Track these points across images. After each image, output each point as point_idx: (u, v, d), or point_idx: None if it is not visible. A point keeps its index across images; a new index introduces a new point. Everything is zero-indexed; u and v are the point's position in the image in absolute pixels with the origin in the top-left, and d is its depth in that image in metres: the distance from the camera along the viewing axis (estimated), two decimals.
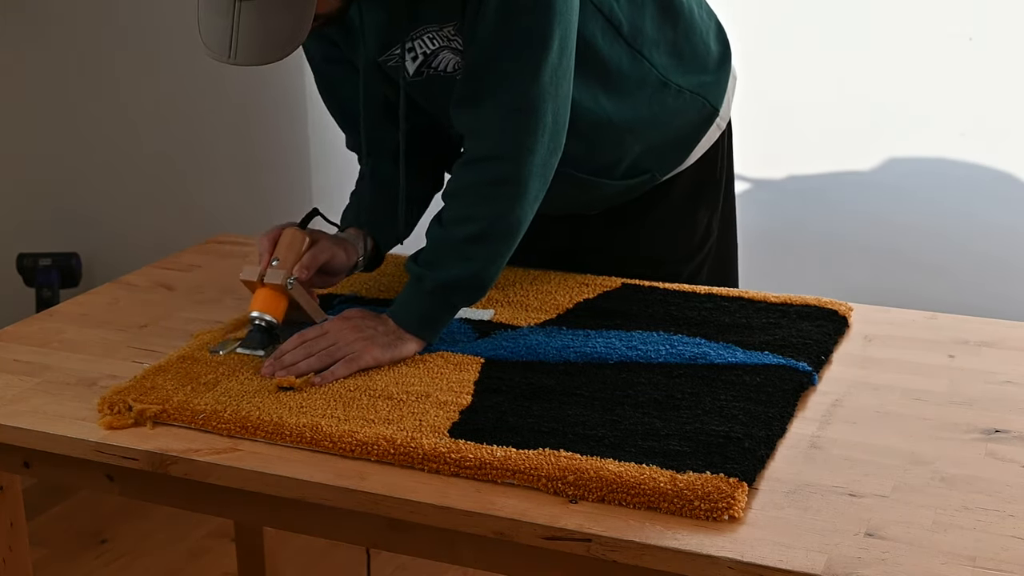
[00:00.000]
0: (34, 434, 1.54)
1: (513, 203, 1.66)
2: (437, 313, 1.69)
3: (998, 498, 1.32)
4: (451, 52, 1.71)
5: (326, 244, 1.75)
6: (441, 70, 1.74)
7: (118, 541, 3.03)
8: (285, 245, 1.72)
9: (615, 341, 1.68)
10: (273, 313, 1.70)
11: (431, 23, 1.69)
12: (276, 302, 1.70)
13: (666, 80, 1.83)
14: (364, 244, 1.83)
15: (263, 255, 1.72)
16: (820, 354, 1.65)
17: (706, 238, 2.00)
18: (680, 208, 1.95)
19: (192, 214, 3.52)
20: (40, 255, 3.56)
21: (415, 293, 1.68)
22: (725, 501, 1.29)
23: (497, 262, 1.69)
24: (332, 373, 1.60)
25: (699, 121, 1.90)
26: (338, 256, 1.77)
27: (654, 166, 1.89)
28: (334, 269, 1.77)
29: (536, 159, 1.65)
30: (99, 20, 3.50)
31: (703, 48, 1.90)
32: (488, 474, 1.38)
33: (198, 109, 3.47)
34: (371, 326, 1.66)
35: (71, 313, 1.93)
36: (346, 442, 1.45)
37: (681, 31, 1.85)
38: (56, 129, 3.63)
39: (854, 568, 1.20)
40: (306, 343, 1.64)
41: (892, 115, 2.79)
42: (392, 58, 1.75)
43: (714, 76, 1.91)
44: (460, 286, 1.68)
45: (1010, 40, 2.65)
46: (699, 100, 1.88)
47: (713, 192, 1.99)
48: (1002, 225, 2.77)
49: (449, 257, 1.67)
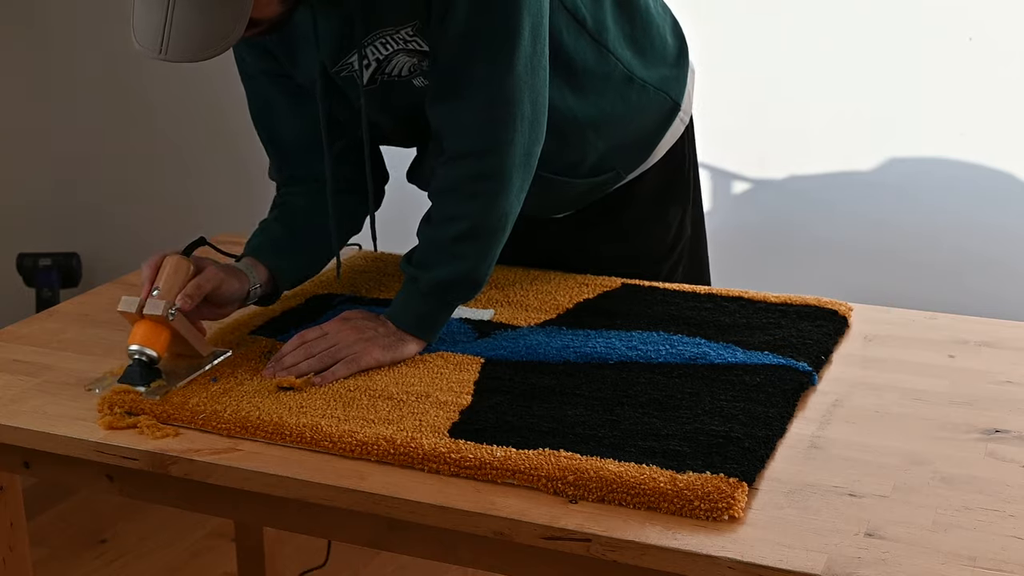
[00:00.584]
0: (34, 434, 1.54)
1: (498, 198, 1.65)
2: (434, 313, 1.69)
3: (998, 498, 1.32)
4: (406, 55, 1.69)
5: (213, 272, 1.66)
6: (395, 75, 1.72)
7: (118, 541, 3.03)
8: (167, 274, 1.62)
9: (615, 341, 1.68)
10: (154, 346, 1.59)
11: (387, 26, 1.67)
12: (157, 334, 1.60)
13: (631, 75, 1.83)
14: (258, 275, 1.74)
15: (144, 284, 1.63)
16: (820, 354, 1.65)
17: (680, 236, 1.99)
18: (651, 207, 1.95)
19: (191, 214, 3.52)
20: (40, 255, 3.56)
21: (411, 294, 1.68)
22: (725, 501, 1.29)
23: (488, 258, 1.69)
24: (332, 373, 1.60)
25: (661, 117, 1.90)
26: (227, 284, 1.67)
27: (618, 163, 1.88)
28: (222, 299, 1.68)
29: (517, 150, 1.64)
30: (99, 21, 3.50)
31: (660, 42, 1.89)
32: (488, 474, 1.38)
33: (198, 109, 3.47)
34: (371, 327, 1.66)
35: (71, 313, 1.93)
36: (346, 442, 1.45)
37: (639, 25, 1.85)
38: (56, 129, 3.63)
39: (854, 568, 1.20)
40: (306, 344, 1.63)
41: (892, 115, 2.79)
42: (345, 68, 1.72)
43: (673, 71, 1.90)
44: (454, 285, 1.67)
45: (1010, 40, 2.65)
46: (661, 95, 1.88)
47: (682, 189, 1.99)
48: (1002, 225, 2.77)
49: (440, 257, 1.66)
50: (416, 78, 1.73)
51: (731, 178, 2.98)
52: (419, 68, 1.71)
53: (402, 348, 1.65)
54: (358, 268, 2.00)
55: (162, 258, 1.65)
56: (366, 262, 2.02)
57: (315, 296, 1.90)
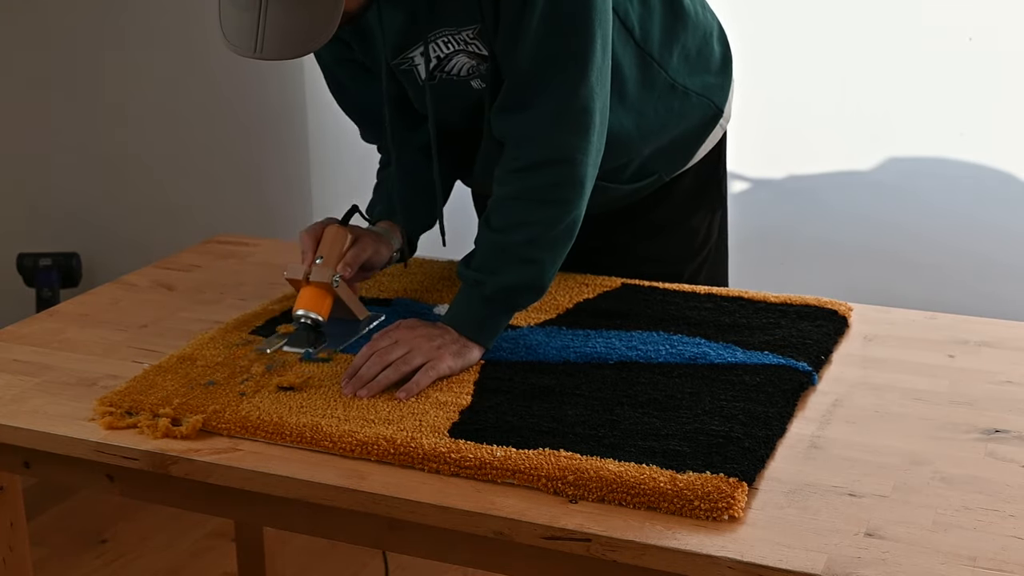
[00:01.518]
0: (34, 434, 1.54)
1: (572, 205, 1.65)
2: (497, 318, 1.67)
3: (998, 498, 1.32)
4: (466, 56, 1.71)
5: (368, 241, 1.76)
6: (454, 74, 1.73)
7: (118, 541, 3.03)
8: (328, 242, 1.73)
9: (615, 341, 1.68)
10: (319, 311, 1.70)
11: (448, 26, 1.68)
12: (321, 300, 1.70)
13: (674, 83, 1.84)
14: (398, 237, 1.84)
15: (306, 253, 1.72)
16: (820, 354, 1.65)
17: (707, 239, 2.00)
18: (683, 208, 1.95)
19: (192, 214, 3.52)
20: (40, 255, 3.56)
21: (474, 300, 1.66)
22: (725, 501, 1.29)
23: (556, 264, 1.68)
24: (417, 384, 1.57)
25: (704, 122, 1.90)
26: (379, 251, 1.78)
27: (661, 167, 1.89)
28: (374, 264, 1.79)
29: (590, 159, 1.65)
30: (99, 21, 3.50)
31: (707, 50, 1.90)
32: (488, 474, 1.38)
33: (198, 110, 3.47)
34: (438, 334, 1.63)
35: (71, 313, 1.93)
36: (346, 442, 1.45)
37: (689, 33, 1.85)
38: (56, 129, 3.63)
39: (854, 568, 1.20)
40: (379, 353, 1.60)
41: (892, 115, 2.78)
42: (405, 62, 1.74)
43: (718, 78, 1.91)
44: (521, 290, 1.66)
45: (1010, 40, 2.65)
46: (704, 101, 1.88)
47: (715, 193, 2.00)
48: (1002, 225, 2.77)
49: (509, 262, 1.65)
50: (474, 79, 1.73)
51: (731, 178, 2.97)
52: (477, 71, 1.72)
53: (468, 355, 1.63)
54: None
55: (322, 228, 1.75)
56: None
57: None
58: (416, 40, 1.71)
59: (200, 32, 3.40)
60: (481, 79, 1.73)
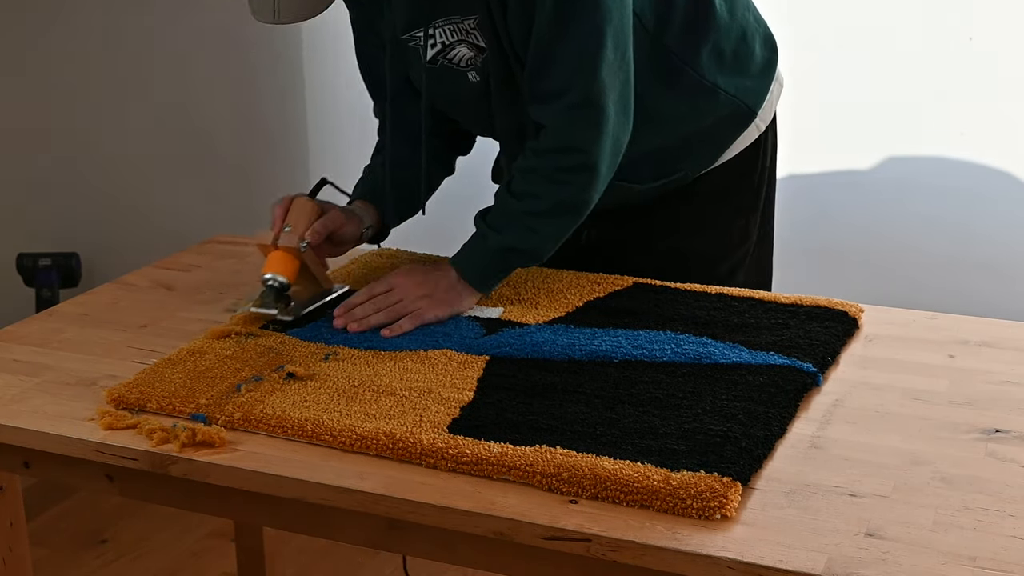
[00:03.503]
0: (34, 434, 1.54)
1: (583, 188, 1.74)
2: (495, 271, 1.79)
3: (998, 498, 1.32)
4: (467, 47, 1.75)
5: (336, 213, 1.85)
6: (455, 63, 1.78)
7: (118, 541, 3.03)
8: (296, 212, 1.82)
9: (621, 340, 1.68)
10: (285, 274, 1.78)
11: (453, 14, 1.74)
12: (288, 264, 1.79)
13: (702, 80, 1.84)
14: (371, 217, 1.91)
15: (276, 221, 1.81)
16: (826, 355, 1.65)
17: (742, 241, 1.99)
18: (711, 206, 1.95)
19: (191, 214, 3.52)
20: (40, 255, 3.56)
21: (479, 248, 1.78)
22: (717, 500, 1.29)
23: (559, 237, 1.78)
24: (399, 327, 1.72)
25: (735, 122, 1.90)
26: (347, 226, 1.86)
27: (686, 165, 1.89)
28: (342, 238, 1.87)
29: (604, 148, 1.71)
30: (99, 21, 3.50)
31: (746, 51, 1.89)
32: (484, 470, 1.38)
33: (197, 110, 3.47)
34: (433, 280, 1.76)
35: (71, 313, 1.93)
36: (346, 436, 1.45)
37: (721, 33, 1.85)
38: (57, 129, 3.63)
39: (854, 568, 1.20)
40: (374, 298, 1.75)
41: (892, 115, 2.78)
42: (414, 39, 1.80)
43: (756, 80, 1.91)
44: (519, 253, 1.78)
45: (1010, 40, 2.65)
46: (736, 102, 1.88)
47: (748, 195, 1.98)
48: (1002, 225, 2.77)
49: (513, 225, 1.76)
50: (470, 71, 1.79)
51: None
52: (474, 63, 1.78)
53: (460, 303, 1.77)
54: (373, 265, 2.01)
55: (291, 200, 1.84)
56: (382, 259, 2.03)
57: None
58: (423, 21, 1.77)
59: (200, 32, 3.40)
60: (477, 72, 1.77)
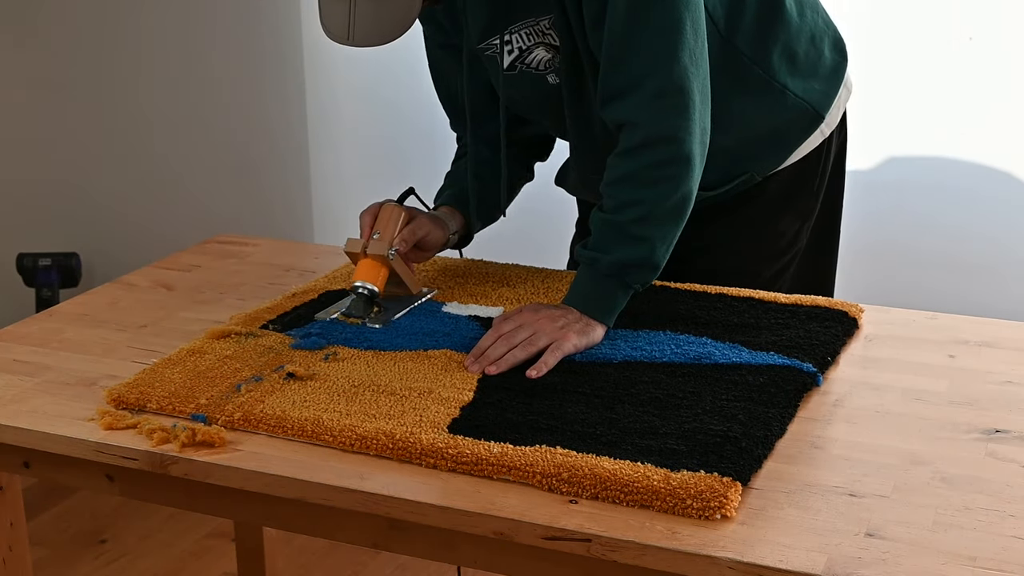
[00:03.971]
0: (34, 434, 1.54)
1: (679, 181, 1.68)
2: (614, 295, 1.70)
3: (998, 498, 1.32)
4: (544, 49, 1.75)
5: (423, 220, 1.84)
6: (533, 67, 1.78)
7: (118, 541, 3.03)
8: (385, 219, 1.81)
9: (620, 342, 1.68)
10: (375, 282, 1.78)
11: (528, 17, 1.73)
12: (377, 272, 1.79)
13: (771, 80, 1.83)
14: (456, 223, 1.90)
15: (364, 228, 1.80)
16: (826, 355, 1.65)
17: (792, 245, 1.97)
18: (771, 209, 1.93)
19: (192, 214, 3.52)
20: (40, 255, 3.56)
21: (589, 278, 1.71)
22: (717, 500, 1.29)
23: (668, 240, 1.71)
24: (545, 363, 1.61)
25: (802, 125, 1.89)
26: (433, 233, 1.85)
27: (752, 166, 1.87)
28: (429, 245, 1.86)
29: (695, 137, 1.67)
30: (99, 21, 3.50)
31: (814, 53, 1.89)
32: (484, 470, 1.38)
33: (197, 110, 3.47)
34: (560, 315, 1.68)
35: (71, 313, 1.93)
36: (346, 436, 1.45)
37: (792, 34, 1.84)
38: (56, 129, 3.63)
39: (854, 568, 1.20)
40: (504, 336, 1.65)
41: (892, 115, 2.78)
42: (490, 48, 1.79)
43: (824, 83, 1.90)
44: (634, 267, 1.69)
45: (1010, 40, 2.65)
46: (804, 105, 1.87)
47: (807, 200, 1.97)
48: (1002, 225, 2.77)
49: (621, 240, 1.69)
50: (550, 74, 1.77)
51: None
52: (552, 64, 1.76)
53: (592, 333, 1.68)
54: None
55: (379, 207, 1.82)
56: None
57: (327, 292, 1.92)
58: (499, 28, 1.76)
59: (200, 32, 3.40)
60: (556, 73, 1.76)
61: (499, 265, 2.01)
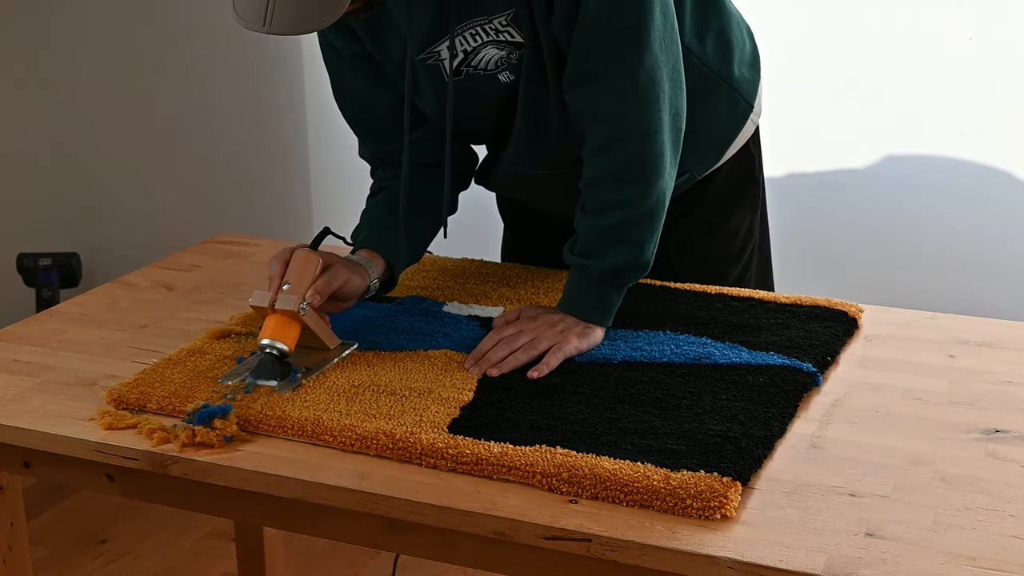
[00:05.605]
0: (34, 434, 1.54)
1: (652, 180, 1.65)
2: (609, 297, 1.69)
3: (998, 498, 1.32)
4: (495, 47, 1.69)
5: (340, 269, 1.68)
6: (481, 68, 1.72)
7: (118, 541, 3.03)
8: (297, 268, 1.64)
9: (620, 342, 1.68)
10: (285, 340, 1.61)
11: (480, 15, 1.66)
12: (288, 329, 1.62)
13: (707, 71, 1.80)
14: (376, 267, 1.75)
15: (273, 279, 1.64)
16: (826, 355, 1.65)
17: (748, 240, 1.96)
18: (718, 209, 1.92)
19: (192, 214, 3.52)
20: (40, 255, 3.56)
21: (582, 284, 1.69)
22: (717, 500, 1.29)
23: (653, 238, 1.68)
24: (547, 364, 1.60)
25: (734, 117, 1.87)
26: (352, 281, 1.69)
27: (691, 164, 1.84)
28: (346, 295, 1.69)
29: (665, 129, 1.64)
30: (99, 21, 3.50)
31: (740, 41, 1.87)
32: (484, 470, 1.38)
33: (198, 110, 3.47)
34: (559, 319, 1.67)
35: (71, 313, 1.93)
36: (346, 436, 1.45)
37: (723, 20, 1.83)
38: (57, 129, 3.63)
39: (854, 568, 1.20)
40: (505, 340, 1.64)
41: (891, 114, 2.78)
42: (431, 56, 1.72)
43: (749, 72, 1.88)
44: (625, 270, 1.68)
45: (1010, 40, 2.65)
46: (733, 94, 1.85)
47: (751, 192, 1.96)
48: (1002, 225, 2.77)
49: (607, 244, 1.67)
50: (502, 72, 1.72)
51: None
52: (506, 62, 1.71)
53: (591, 335, 1.67)
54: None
55: (291, 253, 1.66)
56: None
57: None
58: (443, 33, 1.69)
59: (201, 32, 3.40)
60: (511, 71, 1.72)
61: (499, 265, 2.01)
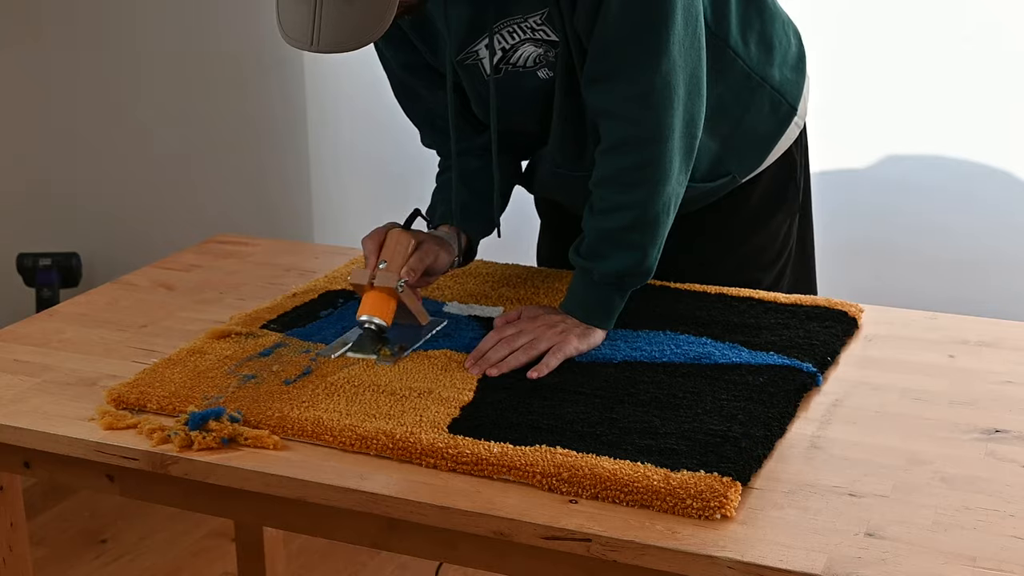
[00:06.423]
0: (34, 434, 1.54)
1: (660, 185, 1.65)
2: (611, 300, 1.69)
3: (998, 498, 1.32)
4: (532, 45, 1.70)
5: (431, 246, 1.75)
6: (520, 65, 1.73)
7: (118, 541, 3.03)
8: (392, 247, 1.71)
9: (620, 342, 1.68)
10: (383, 316, 1.68)
11: (515, 14, 1.68)
12: (385, 305, 1.69)
13: (750, 72, 1.79)
14: (459, 242, 1.83)
15: (370, 258, 1.71)
16: (826, 355, 1.65)
17: (785, 245, 1.95)
18: (759, 212, 1.91)
19: (192, 214, 3.52)
20: (40, 255, 3.56)
21: (585, 286, 1.70)
22: (717, 500, 1.29)
23: (657, 244, 1.68)
24: (546, 364, 1.61)
25: (778, 120, 1.86)
26: (441, 257, 1.77)
27: (733, 167, 1.84)
28: (436, 269, 1.77)
29: (676, 136, 1.63)
30: (100, 22, 3.50)
31: (785, 43, 1.85)
32: (484, 470, 1.38)
33: (198, 110, 3.47)
34: (559, 319, 1.68)
35: (71, 313, 1.93)
36: (347, 436, 1.45)
37: (766, 20, 1.82)
38: (57, 129, 3.63)
39: (854, 568, 1.20)
40: (505, 339, 1.65)
41: (891, 114, 2.78)
42: (470, 56, 1.74)
43: (793, 74, 1.87)
44: (628, 274, 1.68)
45: (1010, 40, 2.65)
46: (777, 97, 1.84)
47: (792, 196, 1.95)
48: (1002, 225, 2.77)
49: (612, 248, 1.67)
50: (541, 69, 1.73)
51: None
52: (544, 59, 1.72)
53: (591, 336, 1.67)
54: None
55: (385, 233, 1.73)
56: None
57: (328, 292, 1.92)
58: (481, 32, 1.71)
59: (200, 32, 3.40)
60: (549, 68, 1.72)
61: (499, 265, 2.01)
